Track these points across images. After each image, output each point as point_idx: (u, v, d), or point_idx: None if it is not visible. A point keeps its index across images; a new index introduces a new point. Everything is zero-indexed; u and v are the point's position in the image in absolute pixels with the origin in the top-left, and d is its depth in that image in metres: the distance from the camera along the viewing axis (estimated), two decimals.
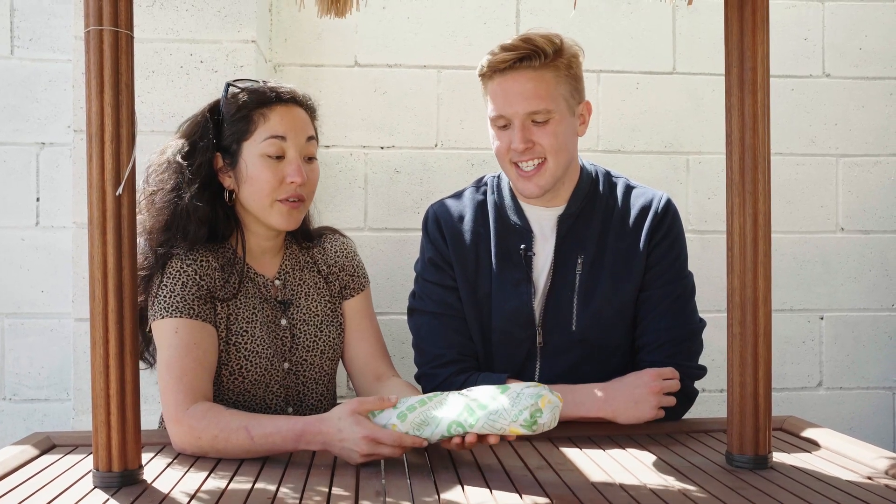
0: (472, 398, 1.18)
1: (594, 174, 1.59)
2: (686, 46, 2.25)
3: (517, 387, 1.18)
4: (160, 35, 1.91)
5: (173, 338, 1.33)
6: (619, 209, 1.56)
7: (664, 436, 1.38)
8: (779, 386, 2.28)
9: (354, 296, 1.57)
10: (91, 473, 1.12)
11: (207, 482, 1.13)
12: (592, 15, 2.21)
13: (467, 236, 1.57)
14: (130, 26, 1.08)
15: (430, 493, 1.06)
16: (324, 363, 1.51)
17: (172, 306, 1.35)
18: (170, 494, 1.07)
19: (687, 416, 1.53)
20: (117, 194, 1.06)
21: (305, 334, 1.49)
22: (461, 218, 1.59)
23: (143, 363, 1.41)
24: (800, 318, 2.31)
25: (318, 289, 1.54)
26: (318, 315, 1.52)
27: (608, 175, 1.61)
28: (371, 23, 2.17)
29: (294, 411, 1.48)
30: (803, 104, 2.29)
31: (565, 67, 1.46)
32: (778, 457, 1.24)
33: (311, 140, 1.46)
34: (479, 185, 1.64)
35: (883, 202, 2.32)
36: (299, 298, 1.51)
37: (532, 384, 1.18)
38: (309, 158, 1.45)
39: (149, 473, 1.15)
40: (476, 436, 1.16)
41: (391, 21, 2.18)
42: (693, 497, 1.05)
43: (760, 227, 1.15)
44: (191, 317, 1.35)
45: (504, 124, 1.49)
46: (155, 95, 1.91)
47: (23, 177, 2.12)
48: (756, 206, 1.15)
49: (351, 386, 1.62)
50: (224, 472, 1.17)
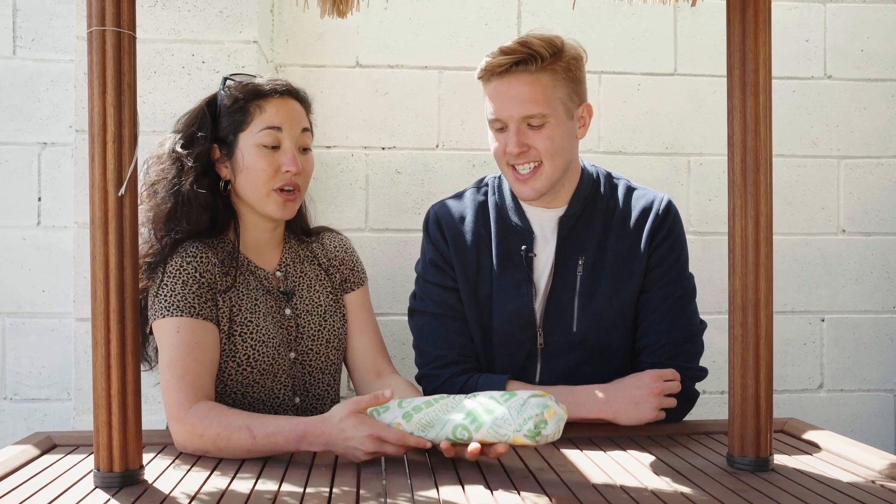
0: (478, 403, 1.18)
1: (595, 175, 1.59)
2: (687, 48, 2.25)
3: (524, 394, 1.17)
4: (162, 35, 1.92)
5: (175, 337, 1.34)
6: (620, 210, 1.56)
7: (665, 437, 1.38)
8: (780, 388, 2.28)
9: (355, 290, 1.60)
10: (92, 473, 1.12)
11: (208, 482, 1.13)
12: (594, 16, 2.21)
13: (468, 237, 1.57)
14: (133, 27, 1.08)
15: (431, 494, 1.06)
16: (329, 353, 1.52)
17: (173, 305, 1.35)
18: (171, 494, 1.07)
19: (688, 418, 1.53)
20: (119, 194, 1.07)
21: (310, 324, 1.50)
22: (462, 219, 1.59)
23: (144, 364, 1.41)
24: (801, 320, 2.30)
25: (320, 280, 1.56)
26: (322, 305, 1.53)
27: (609, 176, 1.61)
28: (372, 24, 2.17)
29: (301, 401, 1.49)
30: (805, 106, 2.29)
31: (563, 70, 1.46)
32: (779, 459, 1.24)
33: (306, 132, 1.49)
34: (480, 186, 1.64)
35: (884, 204, 2.32)
36: (301, 290, 1.52)
37: (538, 392, 1.18)
38: (304, 149, 1.49)
39: (150, 473, 1.15)
40: (480, 447, 1.16)
41: (393, 22, 2.18)
42: (694, 499, 1.05)
43: (762, 229, 1.15)
44: (192, 315, 1.35)
45: (501, 127, 1.49)
46: (157, 96, 1.91)
47: (24, 177, 2.12)
48: (757, 208, 1.14)
49: (351, 386, 1.62)
50: (225, 472, 1.17)
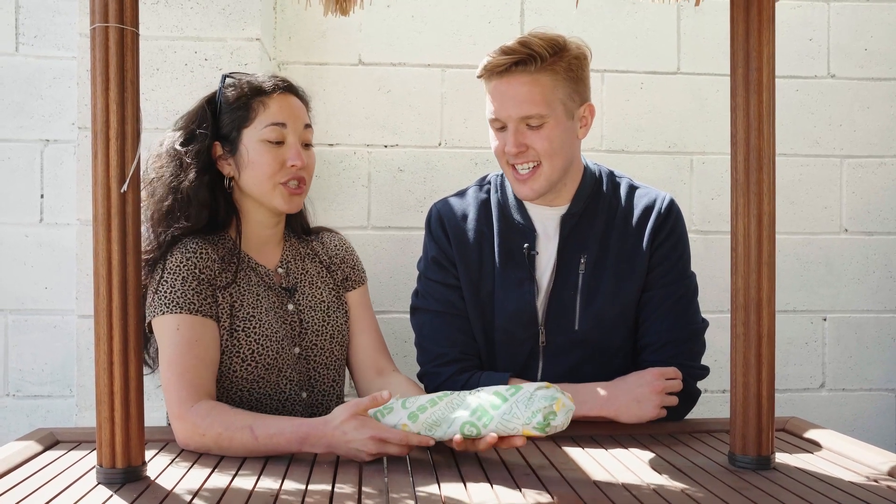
0: (484, 398, 1.18)
1: (598, 174, 1.59)
2: (690, 46, 2.25)
3: (529, 387, 1.17)
4: (165, 32, 1.92)
5: (175, 335, 1.34)
6: (623, 209, 1.56)
7: (666, 436, 1.38)
8: (781, 387, 2.27)
9: (356, 288, 1.61)
10: (94, 470, 1.12)
11: (210, 479, 1.13)
12: (597, 15, 2.21)
13: (471, 235, 1.57)
14: (136, 23, 1.08)
15: (433, 490, 1.06)
16: (334, 348, 1.52)
17: (173, 302, 1.35)
18: (173, 491, 1.07)
19: (689, 417, 1.53)
20: (122, 191, 1.07)
21: (314, 320, 1.50)
22: (465, 216, 1.59)
23: (145, 368, 1.40)
24: (803, 319, 2.30)
25: (322, 277, 1.56)
26: (325, 301, 1.54)
27: (612, 175, 1.61)
28: (375, 21, 2.17)
29: (308, 396, 1.49)
30: (808, 105, 2.29)
31: (564, 70, 1.45)
32: (780, 458, 1.24)
33: (308, 128, 1.52)
34: (483, 184, 1.64)
35: (887, 203, 2.31)
36: (304, 286, 1.53)
37: (543, 385, 1.18)
38: (306, 145, 1.51)
39: (152, 470, 1.15)
40: (497, 437, 1.16)
41: (395, 20, 2.18)
42: (695, 497, 1.05)
43: (764, 228, 1.15)
44: (192, 312, 1.35)
45: (500, 126, 1.49)
46: (159, 93, 1.92)
47: (27, 174, 2.12)
48: (760, 207, 1.14)
49: (352, 385, 1.62)
50: (227, 470, 1.17)
